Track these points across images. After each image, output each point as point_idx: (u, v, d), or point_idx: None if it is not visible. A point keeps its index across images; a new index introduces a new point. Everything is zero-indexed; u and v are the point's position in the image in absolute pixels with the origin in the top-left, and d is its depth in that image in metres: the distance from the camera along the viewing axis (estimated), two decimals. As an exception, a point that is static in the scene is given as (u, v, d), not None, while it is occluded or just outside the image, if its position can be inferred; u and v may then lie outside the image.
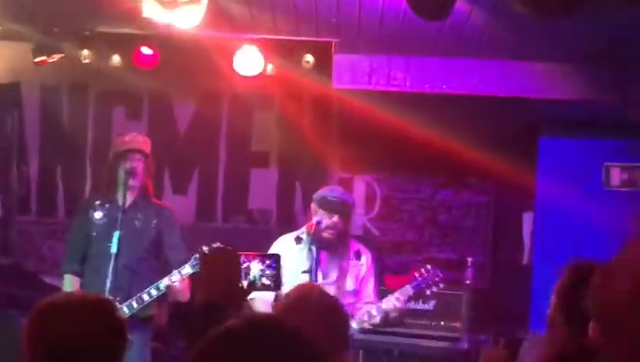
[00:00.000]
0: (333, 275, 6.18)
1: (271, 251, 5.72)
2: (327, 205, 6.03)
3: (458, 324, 7.65)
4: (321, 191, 6.23)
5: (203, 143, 9.07)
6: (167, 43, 7.93)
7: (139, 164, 6.30)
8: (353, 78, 7.91)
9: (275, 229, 8.24)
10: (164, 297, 6.24)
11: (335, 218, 6.04)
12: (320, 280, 5.93)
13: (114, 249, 6.09)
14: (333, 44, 7.74)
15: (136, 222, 6.35)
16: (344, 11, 6.75)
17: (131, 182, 6.27)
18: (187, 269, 5.99)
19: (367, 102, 8.01)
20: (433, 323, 7.66)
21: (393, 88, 7.87)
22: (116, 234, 6.12)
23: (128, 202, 6.30)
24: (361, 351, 7.33)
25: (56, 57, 8.07)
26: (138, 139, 6.41)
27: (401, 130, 8.03)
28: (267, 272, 2.90)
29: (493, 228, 8.82)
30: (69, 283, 6.37)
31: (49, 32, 7.84)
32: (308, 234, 6.03)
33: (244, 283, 2.85)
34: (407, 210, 9.01)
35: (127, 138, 6.42)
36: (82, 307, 2.85)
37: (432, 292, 6.54)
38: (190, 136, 9.05)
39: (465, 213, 8.96)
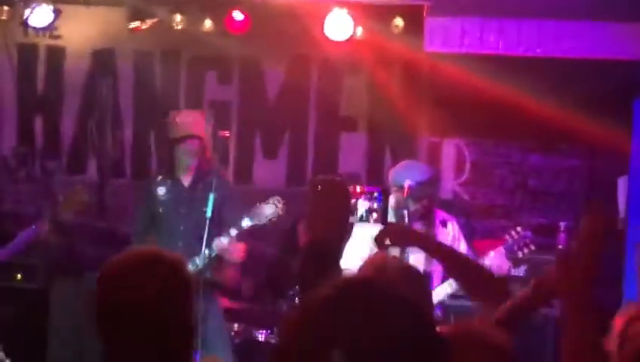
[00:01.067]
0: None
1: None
2: (416, 194, 5.95)
3: (550, 289, 7.57)
4: (400, 175, 6.08)
5: (293, 108, 9.09)
6: (258, 8, 7.98)
7: (194, 147, 6.62)
8: (445, 41, 7.87)
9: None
10: (218, 260, 6.48)
11: (424, 201, 6.01)
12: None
13: (209, 213, 6.24)
14: (425, 6, 7.70)
15: (197, 194, 6.62)
16: (437, -27, 6.72)
17: (190, 161, 6.65)
18: (245, 222, 6.28)
19: (459, 65, 7.96)
20: (525, 289, 7.60)
21: (486, 51, 7.82)
22: (211, 198, 6.24)
23: (189, 178, 6.68)
24: (452, 316, 7.31)
25: (149, 23, 8.19)
26: (188, 122, 6.69)
27: (493, 94, 7.97)
28: (374, 206, 2.91)
29: (587, 193, 8.70)
30: None
31: (145, -3, 7.96)
32: (400, 201, 6.01)
33: (352, 221, 2.86)
34: (497, 175, 8.93)
35: (178, 119, 6.69)
36: (145, 264, 2.84)
37: (524, 256, 6.51)
38: (280, 101, 9.09)
39: (556, 177, 8.85)
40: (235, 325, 7.15)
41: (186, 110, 7.23)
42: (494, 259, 6.11)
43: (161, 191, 6.69)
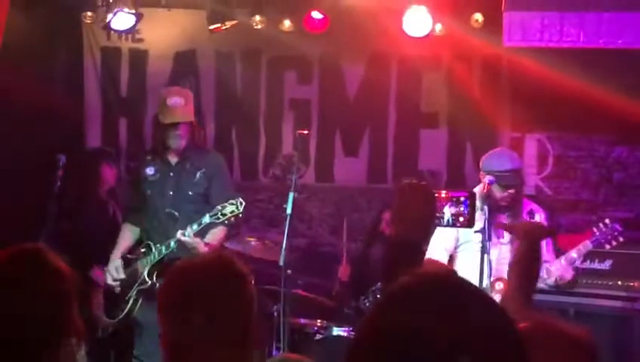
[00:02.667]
0: (508, 235, 6.13)
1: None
2: (501, 181, 5.89)
3: (637, 284, 7.46)
4: (490, 161, 6.03)
5: (373, 105, 9.11)
6: (336, 7, 8.02)
7: (182, 132, 6.36)
8: (524, 35, 7.80)
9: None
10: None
11: (511, 191, 5.94)
12: (494, 240, 5.89)
13: (289, 210, 6.18)
14: (504, 1, 7.66)
15: (184, 173, 6.43)
16: (515, -33, 6.66)
17: (177, 145, 6.39)
18: (205, 219, 6.00)
19: (539, 59, 7.90)
20: (610, 283, 7.49)
21: (566, 45, 7.73)
22: (290, 196, 6.19)
23: (177, 158, 6.44)
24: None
25: (229, 24, 8.28)
26: (179, 107, 6.35)
27: (574, 87, 7.89)
28: (461, 209, 2.92)
29: (673, 186, 8.54)
30: (127, 232, 6.60)
31: (223, 0, 8.04)
32: (481, 195, 5.97)
33: (438, 226, 2.88)
34: (581, 169, 8.81)
35: (168, 102, 6.35)
36: (205, 265, 2.93)
37: (610, 251, 6.41)
38: (360, 99, 9.11)
39: (642, 170, 8.70)
40: (318, 321, 7.19)
41: (176, 88, 6.82)
42: (559, 269, 6.04)
43: (150, 171, 6.48)
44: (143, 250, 6.41)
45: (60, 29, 8.85)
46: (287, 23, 8.57)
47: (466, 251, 5.94)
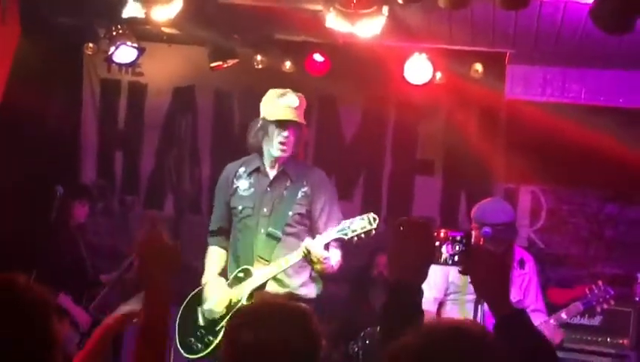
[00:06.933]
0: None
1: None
2: (498, 235, 5.77)
3: (625, 342, 7.48)
4: (484, 213, 5.87)
5: (369, 149, 9.12)
6: (338, 50, 8.03)
7: (291, 137, 5.58)
8: (526, 89, 7.85)
9: (439, 237, 8.23)
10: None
11: (505, 244, 5.83)
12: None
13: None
14: (507, 54, 7.71)
15: (285, 191, 5.58)
16: (522, 23, 6.71)
17: (281, 153, 5.56)
18: (331, 233, 5.24)
19: (539, 113, 7.93)
20: (599, 339, 7.51)
21: (567, 100, 7.79)
22: None
23: (276, 171, 5.63)
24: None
25: (230, 62, 8.27)
26: (293, 105, 5.65)
27: (571, 142, 7.93)
28: (457, 249, 2.93)
29: (664, 245, 8.57)
30: (215, 256, 5.75)
31: (228, 38, 8.03)
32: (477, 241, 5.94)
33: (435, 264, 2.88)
34: (572, 223, 8.84)
35: (281, 99, 5.68)
36: (278, 313, 2.86)
37: (602, 309, 6.40)
38: (356, 142, 9.12)
39: (632, 228, 8.73)
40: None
41: (289, 90, 5.81)
42: (546, 331, 5.99)
43: (244, 185, 5.63)
44: (240, 275, 5.48)
45: (61, 59, 8.78)
46: (288, 64, 8.57)
47: (455, 301, 5.90)
